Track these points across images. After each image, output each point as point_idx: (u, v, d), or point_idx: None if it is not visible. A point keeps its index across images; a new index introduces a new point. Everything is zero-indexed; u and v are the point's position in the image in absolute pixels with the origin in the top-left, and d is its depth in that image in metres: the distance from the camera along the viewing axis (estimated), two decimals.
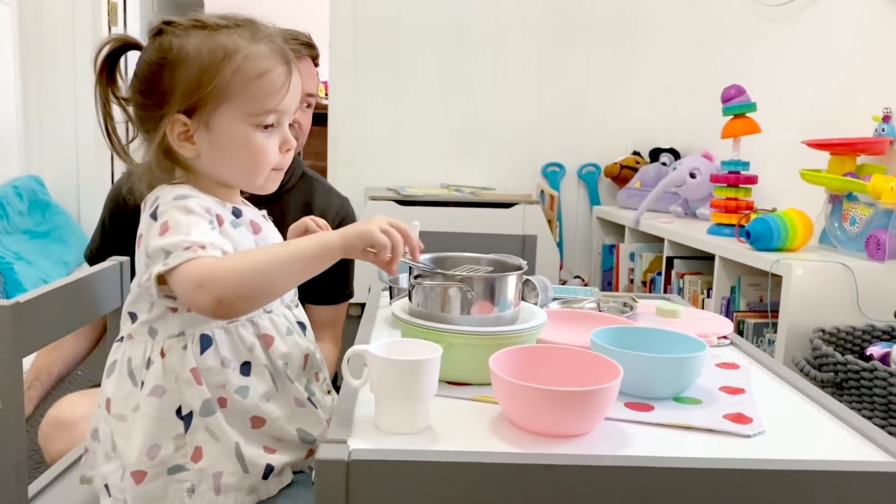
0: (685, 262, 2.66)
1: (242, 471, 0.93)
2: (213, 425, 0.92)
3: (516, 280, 0.99)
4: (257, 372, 0.96)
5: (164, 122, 0.94)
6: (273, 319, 0.98)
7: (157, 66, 0.94)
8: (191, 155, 0.96)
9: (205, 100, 0.93)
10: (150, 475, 0.92)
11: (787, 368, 1.04)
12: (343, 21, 3.56)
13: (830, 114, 2.44)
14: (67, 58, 3.42)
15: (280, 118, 0.97)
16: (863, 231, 2.07)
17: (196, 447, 0.92)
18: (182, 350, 0.92)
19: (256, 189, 1.00)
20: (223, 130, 0.94)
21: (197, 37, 0.94)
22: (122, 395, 0.94)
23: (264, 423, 0.95)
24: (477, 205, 3.24)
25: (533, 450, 0.77)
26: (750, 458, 0.76)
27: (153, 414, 0.92)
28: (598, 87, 3.66)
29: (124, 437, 0.93)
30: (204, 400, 0.92)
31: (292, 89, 0.97)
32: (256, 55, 0.94)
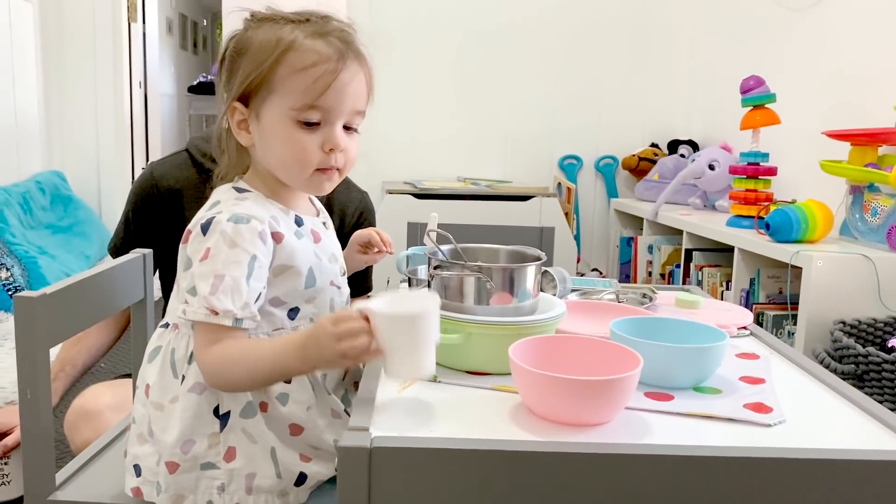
0: (704, 255, 2.65)
1: (276, 475, 0.94)
2: (252, 427, 0.93)
3: (535, 271, 1.00)
4: (299, 380, 0.96)
5: (228, 108, 0.97)
6: None
7: (231, 57, 0.97)
8: (247, 143, 0.98)
9: (256, 89, 0.94)
10: (182, 468, 0.93)
11: (807, 359, 1.04)
12: (360, 14, 3.56)
13: (851, 104, 2.42)
14: (88, 54, 3.45)
15: (326, 117, 0.94)
16: (884, 222, 2.05)
17: (230, 447, 0.93)
18: None
19: (304, 188, 1.01)
20: (269, 122, 0.95)
21: (265, 28, 0.95)
22: (162, 384, 0.96)
23: (303, 432, 0.97)
24: (494, 198, 3.24)
25: (553, 438, 0.78)
26: (771, 446, 0.76)
27: (191, 409, 0.93)
28: (615, 78, 3.65)
29: (161, 426, 0.95)
30: (247, 402, 0.93)
31: (341, 87, 0.93)
32: (305, 47, 0.93)
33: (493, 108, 3.66)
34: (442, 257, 1.01)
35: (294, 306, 0.97)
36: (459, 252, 1.03)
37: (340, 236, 1.54)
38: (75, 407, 1.48)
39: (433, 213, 1.29)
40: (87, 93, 3.49)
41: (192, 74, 7.49)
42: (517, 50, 3.62)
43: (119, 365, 2.33)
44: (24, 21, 3.24)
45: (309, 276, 0.97)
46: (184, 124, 7.03)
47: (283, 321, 0.97)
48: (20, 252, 2.73)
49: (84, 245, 3.18)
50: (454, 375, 0.95)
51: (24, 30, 3.24)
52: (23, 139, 3.26)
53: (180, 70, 7.23)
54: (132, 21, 3.58)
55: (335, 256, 1.05)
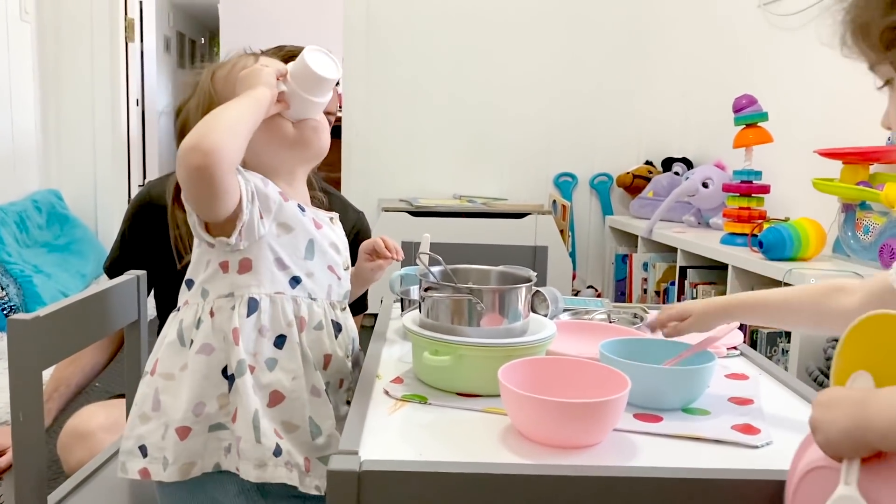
0: (698, 272, 2.66)
1: (255, 439, 0.94)
2: (241, 388, 0.95)
3: (525, 292, 1.00)
4: (290, 348, 0.99)
5: None
6: (311, 307, 1.02)
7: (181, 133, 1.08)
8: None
9: None
10: (194, 431, 0.95)
11: (796, 379, 1.05)
12: (356, 33, 3.59)
13: (842, 123, 2.44)
14: (86, 73, 3.47)
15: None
16: (876, 240, 2.07)
17: (236, 408, 0.95)
18: (230, 310, 0.97)
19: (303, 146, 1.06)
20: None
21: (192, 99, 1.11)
22: (170, 354, 0.99)
23: (281, 401, 0.97)
24: (489, 215, 3.26)
25: (542, 461, 0.78)
26: (757, 468, 0.77)
27: (201, 371, 0.96)
28: (609, 96, 3.67)
29: (172, 394, 0.97)
30: (239, 360, 0.95)
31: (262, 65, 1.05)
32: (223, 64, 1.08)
33: (489, 126, 3.68)
34: (433, 279, 1.02)
35: (296, 275, 1.01)
36: (449, 274, 1.04)
37: None
38: (69, 428, 1.48)
39: (426, 234, 1.30)
40: (85, 111, 3.51)
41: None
42: (513, 68, 3.65)
43: (114, 384, 2.32)
44: (21, 39, 3.26)
45: (308, 247, 1.02)
46: None
47: (284, 286, 1.00)
48: (15, 271, 2.73)
49: (80, 264, 3.18)
50: (444, 397, 0.95)
51: (21, 48, 3.26)
52: (19, 158, 3.27)
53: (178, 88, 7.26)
54: (130, 40, 3.60)
55: (337, 247, 1.08)
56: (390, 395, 0.95)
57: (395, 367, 1.07)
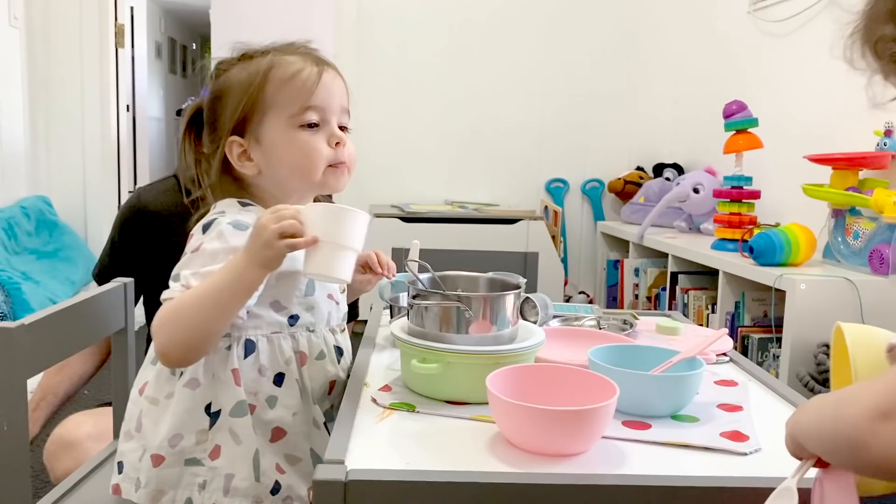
0: (689, 278, 2.66)
1: (255, 478, 0.95)
2: (240, 428, 0.95)
3: (514, 299, 1.00)
4: (289, 385, 0.99)
5: (222, 144, 1.00)
6: (311, 339, 1.02)
7: (211, 103, 1.03)
8: (252, 172, 1.01)
9: (248, 116, 0.99)
10: (167, 461, 0.95)
11: (785, 385, 1.04)
12: (347, 39, 3.59)
13: (832, 128, 2.45)
14: (75, 79, 3.46)
15: (323, 115, 1.01)
16: (866, 245, 2.07)
17: (216, 445, 0.95)
18: (226, 350, 0.96)
19: (320, 188, 1.04)
20: (271, 139, 0.99)
21: (238, 67, 1.02)
22: (159, 380, 0.98)
23: (283, 436, 0.98)
24: (481, 221, 3.25)
25: (530, 469, 0.77)
26: (745, 475, 0.77)
27: (184, 403, 0.96)
28: (601, 102, 3.68)
29: (153, 419, 0.97)
30: (238, 401, 0.95)
31: (327, 86, 1.01)
32: (284, 62, 1.00)
33: (480, 132, 3.68)
34: (421, 286, 1.02)
35: (294, 313, 1.00)
36: (438, 281, 1.04)
37: None
38: (55, 436, 1.46)
39: (415, 241, 1.29)
40: (74, 117, 3.49)
41: (180, 98, 7.51)
42: (505, 74, 3.65)
43: (102, 392, 2.31)
44: (10, 45, 3.25)
45: (309, 284, 1.01)
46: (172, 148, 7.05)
47: (281, 326, 0.99)
48: (3, 278, 2.71)
49: (69, 271, 3.17)
50: (432, 405, 0.94)
51: (10, 54, 3.25)
52: (8, 164, 3.25)
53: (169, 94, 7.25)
54: (120, 46, 3.59)
55: None
56: (378, 403, 0.95)
57: (383, 375, 1.06)
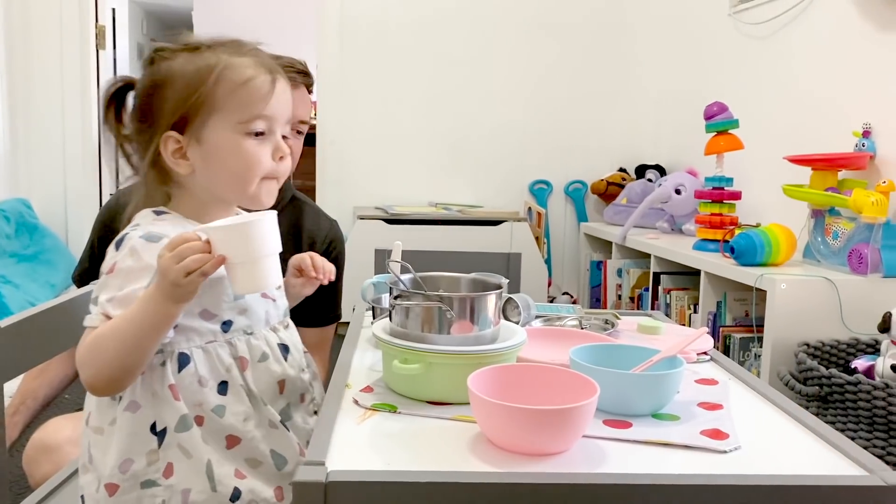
0: (672, 278, 2.68)
1: (211, 489, 0.94)
2: (187, 442, 0.93)
3: (495, 299, 1.00)
4: (234, 392, 0.97)
5: (156, 139, 0.96)
6: (251, 343, 0.99)
7: (147, 90, 0.98)
8: (186, 172, 0.98)
9: (193, 113, 0.95)
10: (122, 488, 0.93)
11: (764, 384, 1.05)
12: (330, 41, 3.58)
13: (811, 130, 2.47)
14: (55, 81, 3.43)
15: (270, 125, 0.98)
16: (845, 245, 2.09)
17: (168, 463, 0.94)
18: (160, 367, 0.94)
19: (251, 201, 1.00)
20: (214, 141, 0.96)
21: (183, 57, 0.97)
22: (101, 408, 0.97)
23: (239, 443, 0.96)
24: (465, 223, 3.26)
25: (511, 469, 0.78)
26: (725, 473, 0.77)
27: (127, 428, 0.94)
28: (584, 104, 3.70)
29: (101, 449, 0.95)
30: (181, 416, 0.93)
31: (279, 96, 0.98)
32: (239, 65, 0.97)
33: (464, 134, 3.68)
34: (402, 287, 1.01)
35: (226, 319, 0.97)
36: (419, 281, 1.04)
37: None
38: (35, 441, 1.45)
39: (397, 242, 1.29)
40: (54, 120, 3.46)
41: None
42: (488, 76, 3.66)
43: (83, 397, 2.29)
44: None
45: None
46: None
47: (215, 334, 0.97)
48: None
49: (49, 274, 3.14)
50: (414, 406, 0.94)
51: None
52: None
53: None
54: (101, 48, 3.56)
55: None
56: (359, 404, 0.94)
57: (365, 376, 1.06)
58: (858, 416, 1.70)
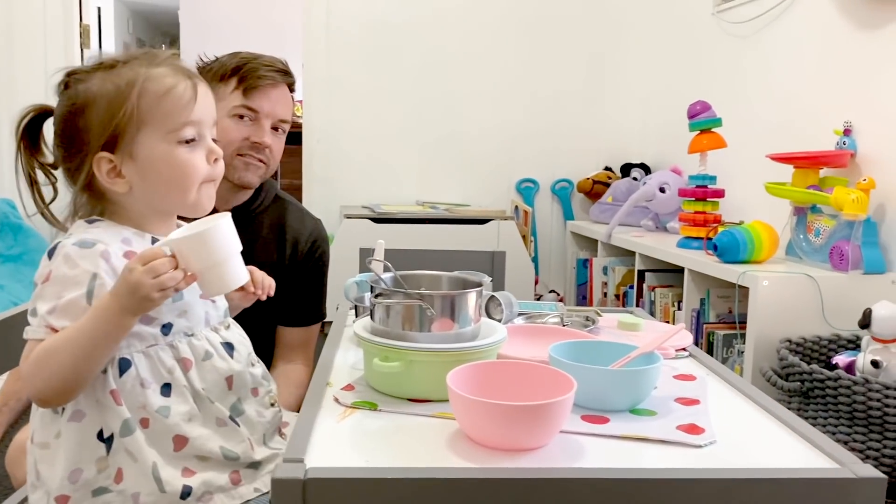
0: (656, 276, 2.70)
1: (159, 490, 0.93)
2: (132, 445, 0.93)
3: (475, 297, 1.01)
4: (178, 393, 0.96)
5: (87, 161, 0.95)
6: (192, 343, 0.99)
7: (68, 115, 0.97)
8: (123, 190, 0.97)
9: (121, 131, 0.95)
10: (73, 498, 0.93)
11: (741, 379, 1.06)
12: (316, 39, 3.58)
13: (793, 128, 2.49)
14: (39, 80, 3.41)
15: (199, 130, 0.98)
16: (827, 242, 2.11)
17: (118, 468, 0.93)
18: (102, 374, 0.93)
19: (192, 208, 1.00)
20: (147, 155, 0.96)
21: (99, 77, 0.97)
22: (44, 423, 0.96)
23: (186, 443, 0.96)
24: (451, 221, 3.26)
25: (489, 464, 0.78)
26: (700, 467, 0.78)
27: (74, 438, 0.93)
28: (569, 104, 3.71)
29: (48, 463, 0.94)
30: (123, 420, 0.93)
31: (202, 100, 0.98)
32: (157, 76, 0.96)
33: (451, 133, 3.69)
34: (383, 285, 1.02)
35: (166, 322, 0.97)
36: (399, 280, 1.04)
37: (293, 264, 1.54)
38: (17, 442, 1.44)
39: (380, 241, 1.30)
40: None
41: None
42: (474, 75, 3.67)
43: None
44: None
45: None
46: None
47: (156, 338, 0.96)
48: None
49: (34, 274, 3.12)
50: (395, 403, 0.95)
51: None
52: None
53: None
54: (85, 47, 3.54)
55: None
56: (340, 402, 0.95)
57: (347, 375, 1.07)
58: (839, 411, 1.72)
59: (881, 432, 1.66)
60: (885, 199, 2.09)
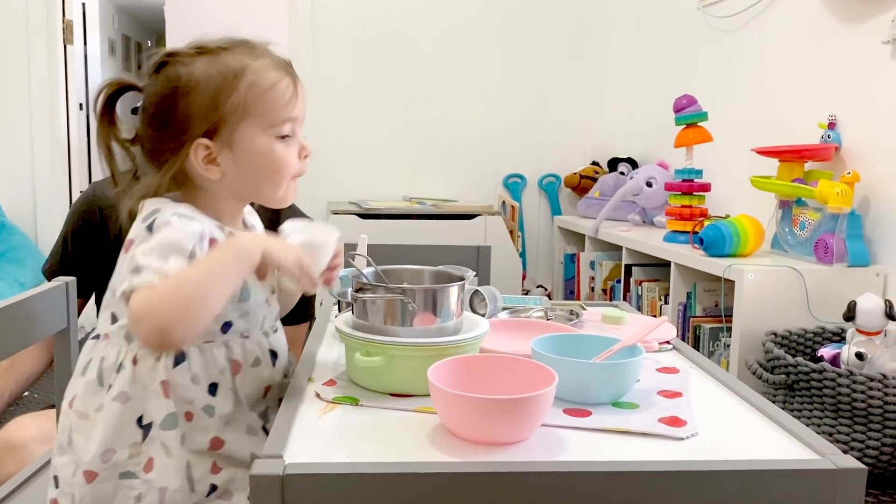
0: (643, 270, 2.70)
1: (189, 489, 0.93)
2: (170, 440, 0.93)
3: (458, 291, 1.00)
4: (223, 394, 0.97)
5: (186, 148, 0.95)
6: (245, 346, 0.99)
7: (167, 97, 0.96)
8: (215, 177, 0.97)
9: (224, 120, 0.95)
10: (101, 476, 0.93)
11: (724, 371, 1.06)
12: (302, 35, 3.56)
13: (778, 122, 2.50)
14: (22, 77, 3.38)
15: (294, 127, 1.00)
16: (812, 235, 2.12)
17: (149, 458, 0.93)
18: (155, 361, 0.94)
19: (279, 201, 1.02)
20: (246, 147, 0.97)
21: (203, 62, 0.96)
22: (88, 393, 0.96)
23: (222, 446, 0.96)
24: (439, 217, 3.26)
25: (470, 458, 0.78)
26: (681, 459, 0.78)
27: (114, 418, 0.93)
28: (556, 98, 3.71)
29: (84, 434, 0.94)
30: (168, 413, 0.93)
31: (300, 97, 1.01)
32: (262, 68, 0.97)
33: (438, 128, 3.68)
34: (365, 280, 1.01)
35: (227, 320, 0.97)
36: (381, 275, 1.04)
37: None
38: None
39: (363, 236, 1.29)
40: (21, 116, 3.41)
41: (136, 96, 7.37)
42: (460, 70, 3.66)
43: (51, 395, 2.27)
44: None
45: (244, 290, 0.98)
46: None
47: (214, 334, 0.96)
48: None
49: (18, 272, 3.10)
50: (376, 398, 0.95)
51: None
52: None
53: None
54: (68, 42, 3.51)
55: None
56: (321, 397, 0.94)
57: (330, 370, 1.06)
58: (824, 404, 1.73)
59: (865, 424, 1.67)
60: (869, 192, 2.10)
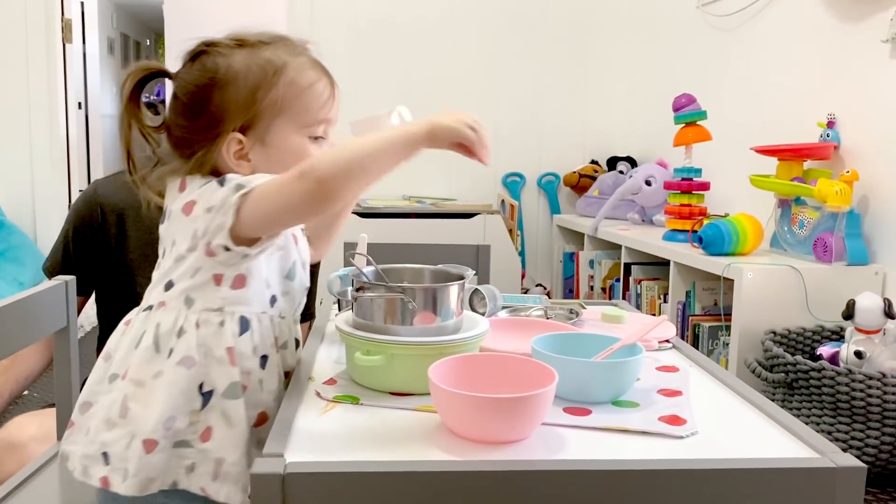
0: (642, 269, 2.70)
1: (247, 464, 0.90)
2: (233, 410, 0.91)
3: (458, 290, 1.00)
4: (271, 368, 0.97)
5: (220, 140, 0.95)
6: (281, 326, 1.00)
7: (203, 87, 0.95)
8: (245, 172, 0.96)
9: (260, 115, 0.95)
10: (160, 445, 0.89)
11: (724, 370, 1.06)
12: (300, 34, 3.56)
13: (778, 120, 2.50)
14: (21, 76, 3.38)
15: (327, 129, 1.01)
16: (811, 234, 2.12)
17: (208, 427, 0.91)
18: (219, 326, 0.92)
19: None
20: (279, 144, 0.96)
21: (242, 55, 0.96)
22: (144, 360, 0.92)
23: (265, 422, 0.95)
24: (438, 216, 3.25)
25: (470, 457, 0.78)
26: (681, 458, 0.78)
27: (179, 384, 0.90)
28: (555, 97, 3.71)
29: (142, 403, 0.90)
30: (232, 382, 0.91)
31: (336, 99, 1.01)
32: (301, 67, 0.97)
33: None
34: (365, 279, 1.01)
35: (274, 294, 0.98)
36: (381, 274, 1.04)
37: None
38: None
39: (362, 235, 1.29)
40: (20, 115, 3.40)
41: None
42: (459, 70, 3.66)
43: (51, 394, 2.26)
44: None
45: (292, 267, 1.00)
46: None
47: (265, 306, 0.97)
48: None
49: (17, 271, 3.10)
50: (376, 397, 0.95)
51: None
52: None
53: None
54: (67, 42, 3.50)
55: (305, 263, 1.06)
56: (322, 396, 0.94)
57: (331, 369, 1.06)
58: (823, 402, 1.73)
59: (864, 422, 1.68)
60: (868, 191, 2.10)
